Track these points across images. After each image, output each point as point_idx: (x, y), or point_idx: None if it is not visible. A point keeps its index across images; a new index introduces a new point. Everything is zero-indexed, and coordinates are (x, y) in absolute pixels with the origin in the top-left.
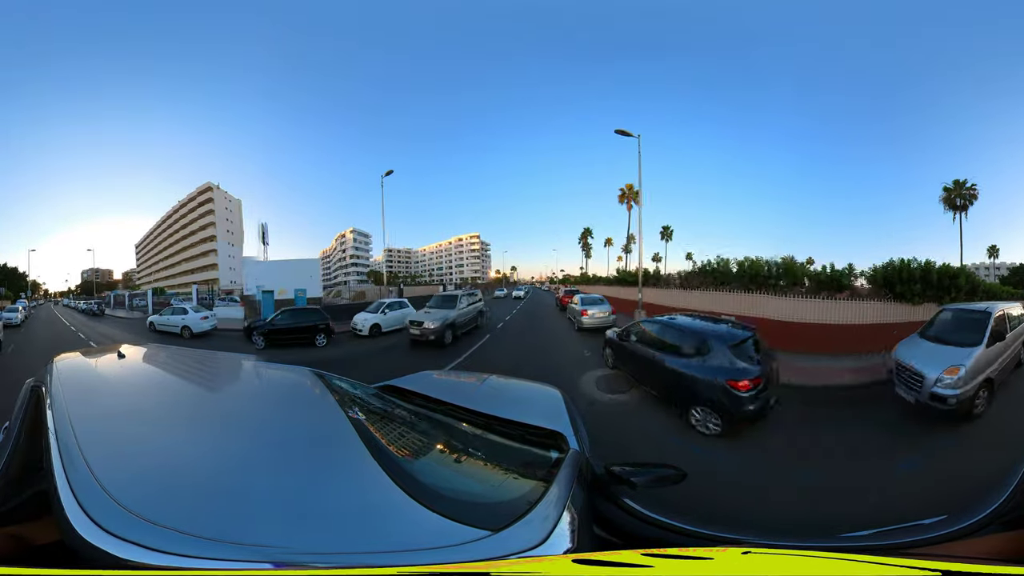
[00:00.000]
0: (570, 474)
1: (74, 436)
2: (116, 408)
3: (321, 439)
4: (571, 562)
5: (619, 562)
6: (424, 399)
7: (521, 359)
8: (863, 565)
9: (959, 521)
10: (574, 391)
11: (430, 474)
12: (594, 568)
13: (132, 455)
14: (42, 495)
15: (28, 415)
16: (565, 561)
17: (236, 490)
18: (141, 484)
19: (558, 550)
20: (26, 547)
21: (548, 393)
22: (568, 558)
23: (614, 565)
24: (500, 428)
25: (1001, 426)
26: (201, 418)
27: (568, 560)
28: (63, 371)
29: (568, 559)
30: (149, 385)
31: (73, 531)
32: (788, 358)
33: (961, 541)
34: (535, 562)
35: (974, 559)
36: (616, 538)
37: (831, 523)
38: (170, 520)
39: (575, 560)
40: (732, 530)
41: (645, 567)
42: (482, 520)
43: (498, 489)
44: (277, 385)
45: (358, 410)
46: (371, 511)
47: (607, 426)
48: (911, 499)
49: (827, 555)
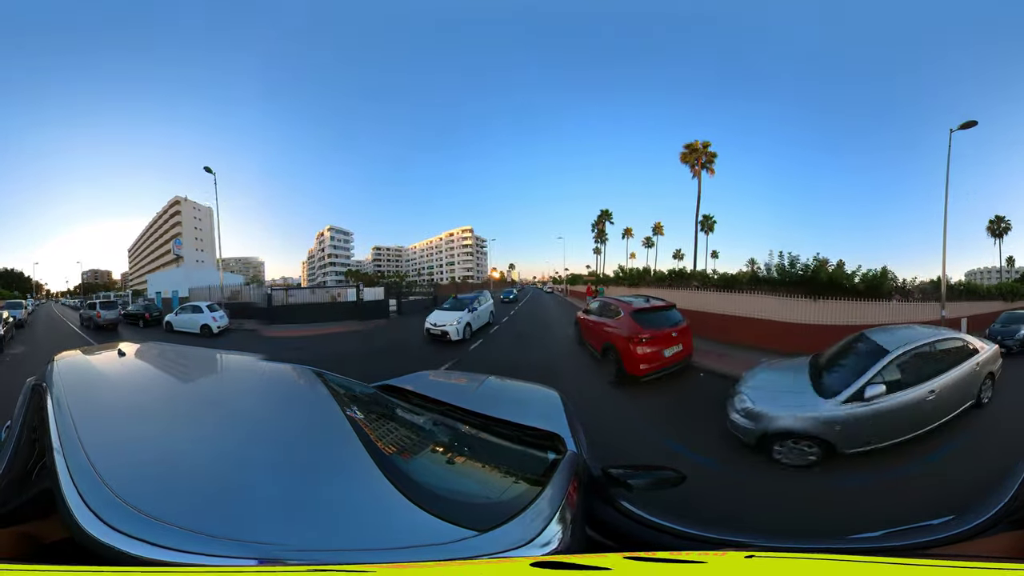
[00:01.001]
0: (566, 475)
1: (76, 434)
2: (117, 406)
3: (320, 437)
4: (529, 565)
5: (579, 564)
6: (422, 399)
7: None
8: (872, 567)
9: (967, 521)
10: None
11: (426, 474)
12: (552, 571)
13: (134, 452)
14: (47, 493)
15: (30, 414)
16: (523, 563)
17: (236, 487)
18: (144, 481)
19: (543, 550)
20: (35, 545)
21: (546, 394)
22: (527, 560)
23: (574, 567)
24: (497, 429)
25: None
26: (201, 416)
27: (526, 563)
28: (64, 369)
29: (527, 561)
30: (149, 383)
31: (80, 528)
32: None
33: (968, 542)
34: (491, 563)
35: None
36: (612, 540)
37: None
38: (173, 517)
39: (535, 563)
40: (732, 532)
41: (602, 569)
42: (474, 520)
43: (494, 490)
44: (276, 383)
45: (356, 409)
46: (367, 509)
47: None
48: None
49: (834, 557)
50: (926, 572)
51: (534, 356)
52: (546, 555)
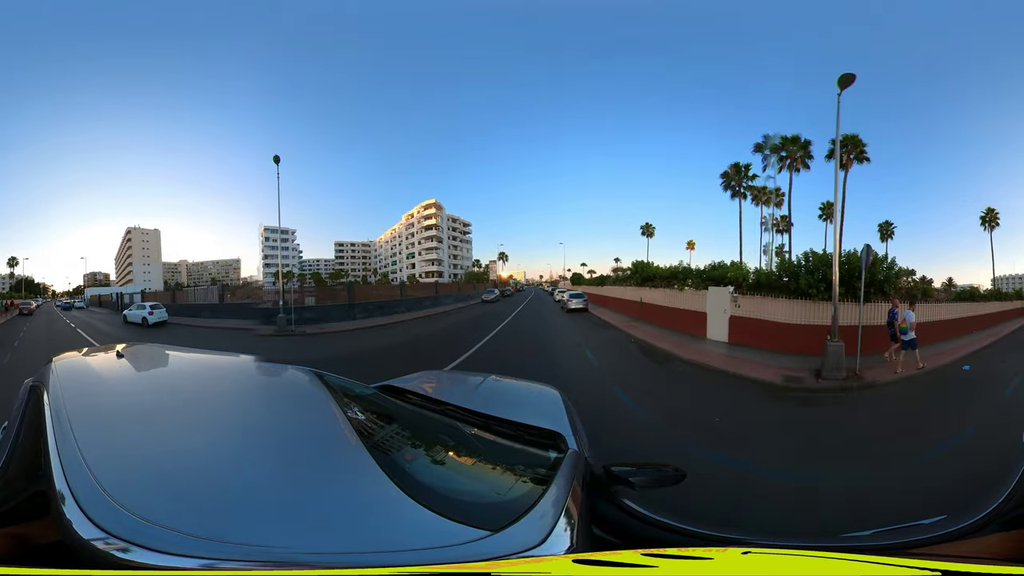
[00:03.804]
0: (568, 474)
1: (73, 436)
2: (115, 408)
3: (320, 439)
4: (571, 562)
5: (620, 562)
6: (423, 399)
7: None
8: (863, 565)
9: (959, 521)
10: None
11: (429, 474)
12: (595, 568)
13: (131, 455)
14: (42, 495)
15: (27, 415)
16: (566, 561)
17: (235, 490)
18: (140, 484)
19: (558, 550)
20: (26, 547)
21: (547, 393)
22: (568, 558)
23: (615, 565)
24: (499, 428)
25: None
26: (199, 418)
27: (568, 560)
28: (62, 371)
29: (568, 559)
30: (148, 385)
31: (72, 531)
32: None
33: (961, 541)
34: (536, 562)
35: (974, 559)
36: (615, 538)
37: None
38: (169, 520)
39: (575, 560)
40: (731, 530)
41: (648, 567)
42: (481, 520)
43: (496, 489)
44: (276, 385)
45: (357, 410)
46: (370, 511)
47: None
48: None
49: (827, 555)
50: (916, 571)
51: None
52: (569, 552)
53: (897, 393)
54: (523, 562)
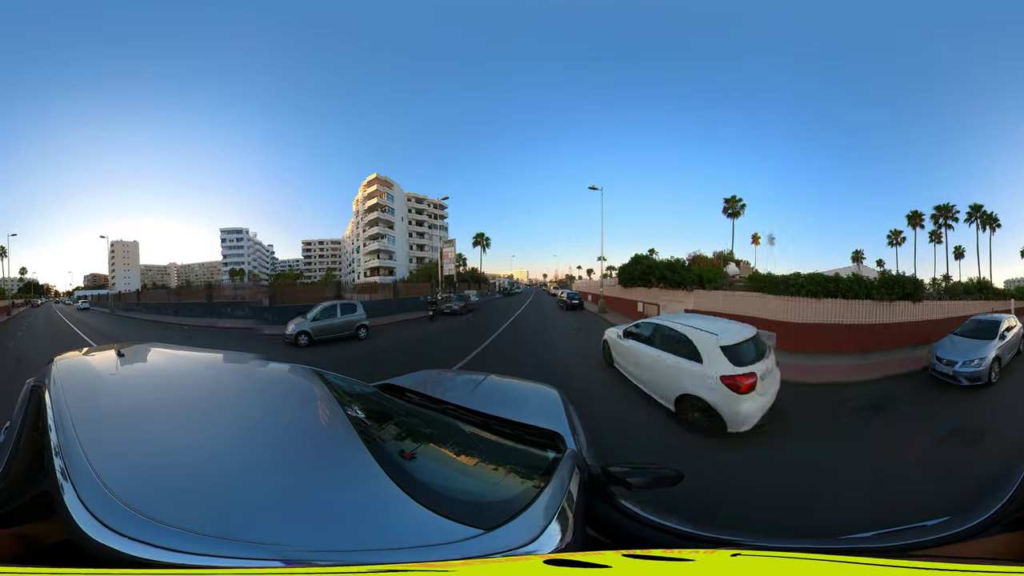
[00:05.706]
0: (566, 474)
1: (75, 435)
2: (116, 407)
3: (321, 437)
4: (543, 563)
5: (590, 563)
6: (422, 398)
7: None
8: (863, 568)
9: (962, 522)
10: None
11: (428, 472)
12: (563, 569)
13: (133, 454)
14: (46, 495)
15: (29, 415)
16: (537, 562)
17: (237, 488)
18: (143, 483)
19: (546, 549)
20: (33, 547)
21: (546, 393)
22: (540, 558)
23: (583, 566)
24: (498, 428)
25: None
26: (201, 416)
27: (539, 560)
28: (63, 371)
29: (540, 559)
30: (149, 384)
31: (79, 530)
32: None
33: (964, 543)
34: (506, 562)
35: (978, 560)
36: (611, 539)
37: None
38: (173, 518)
39: (547, 561)
40: (729, 532)
41: (604, 567)
42: (477, 519)
43: (495, 488)
44: (277, 383)
45: (357, 408)
46: (370, 509)
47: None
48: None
49: (823, 557)
50: (920, 573)
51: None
52: (553, 552)
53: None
54: (493, 562)
